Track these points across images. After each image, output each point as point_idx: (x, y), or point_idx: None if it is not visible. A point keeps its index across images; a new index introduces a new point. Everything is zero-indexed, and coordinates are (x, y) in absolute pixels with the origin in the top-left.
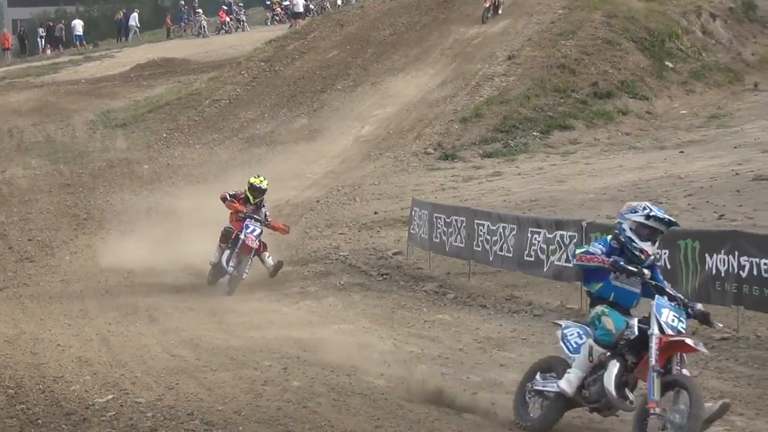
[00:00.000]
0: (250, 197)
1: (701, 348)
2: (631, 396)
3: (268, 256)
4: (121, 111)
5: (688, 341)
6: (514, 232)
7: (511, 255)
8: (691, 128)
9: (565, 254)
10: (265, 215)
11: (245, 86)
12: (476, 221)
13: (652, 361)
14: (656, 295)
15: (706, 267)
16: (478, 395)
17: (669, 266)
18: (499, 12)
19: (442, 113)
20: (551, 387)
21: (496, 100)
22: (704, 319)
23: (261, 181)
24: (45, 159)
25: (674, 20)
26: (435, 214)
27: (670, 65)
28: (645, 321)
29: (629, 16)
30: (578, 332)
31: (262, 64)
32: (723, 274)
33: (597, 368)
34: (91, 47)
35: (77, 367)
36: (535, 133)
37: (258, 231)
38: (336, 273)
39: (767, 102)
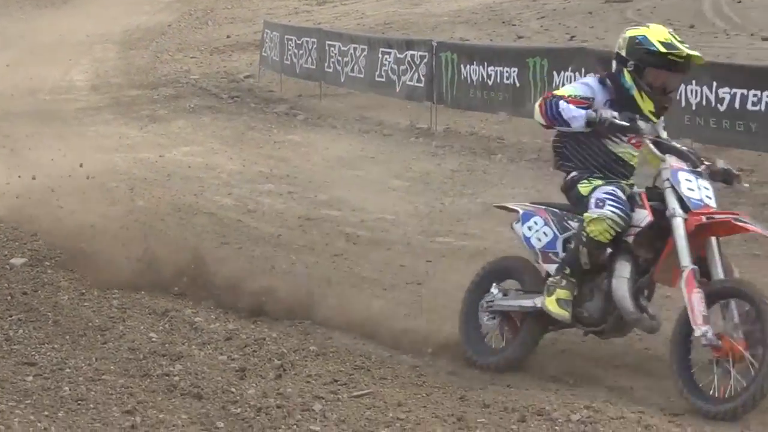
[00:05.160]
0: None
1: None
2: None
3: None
4: None
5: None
6: (365, 53)
7: (362, 76)
8: None
9: (416, 74)
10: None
11: None
12: (327, 42)
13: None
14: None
15: (554, 84)
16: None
17: (518, 84)
18: None
19: None
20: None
21: None
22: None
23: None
24: None
25: None
26: (286, 36)
27: None
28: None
29: None
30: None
31: None
32: None
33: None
34: None
35: None
36: None
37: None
38: (186, 96)
39: None
